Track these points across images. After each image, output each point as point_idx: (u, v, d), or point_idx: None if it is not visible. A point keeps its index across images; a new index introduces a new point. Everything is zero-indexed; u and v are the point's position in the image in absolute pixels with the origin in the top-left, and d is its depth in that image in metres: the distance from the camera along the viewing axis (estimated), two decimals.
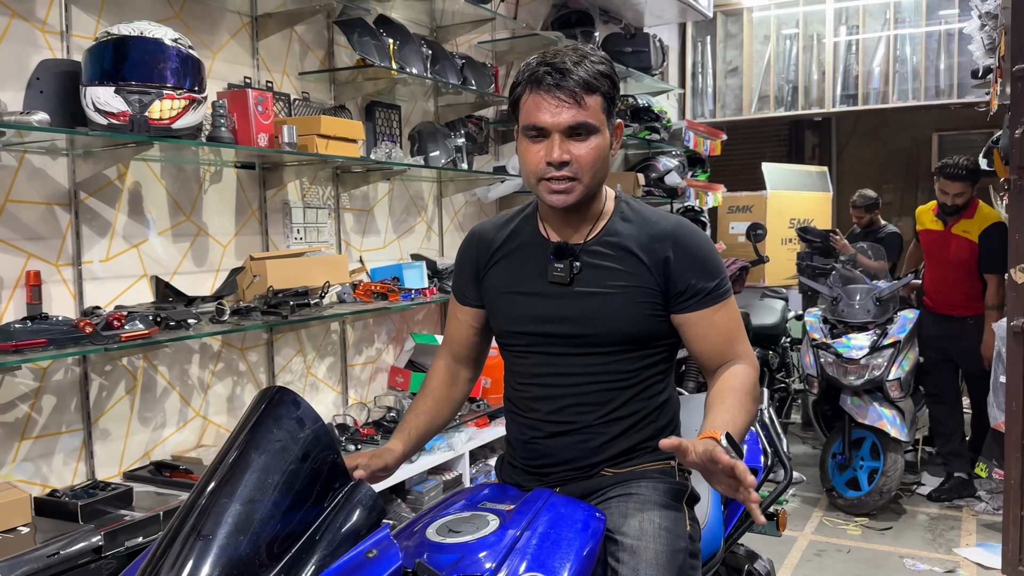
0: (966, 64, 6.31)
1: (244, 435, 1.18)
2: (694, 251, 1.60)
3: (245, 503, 1.06)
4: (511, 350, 1.73)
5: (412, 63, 3.24)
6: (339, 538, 1.11)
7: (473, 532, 1.42)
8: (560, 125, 1.50)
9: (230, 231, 2.87)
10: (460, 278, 1.80)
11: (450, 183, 3.84)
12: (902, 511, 4.53)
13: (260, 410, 1.21)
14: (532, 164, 1.55)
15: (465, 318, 1.80)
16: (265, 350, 3.00)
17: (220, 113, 2.49)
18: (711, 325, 1.61)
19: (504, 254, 1.71)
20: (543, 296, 1.64)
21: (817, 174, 7.82)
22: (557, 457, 1.66)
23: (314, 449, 1.17)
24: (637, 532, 1.53)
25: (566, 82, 1.49)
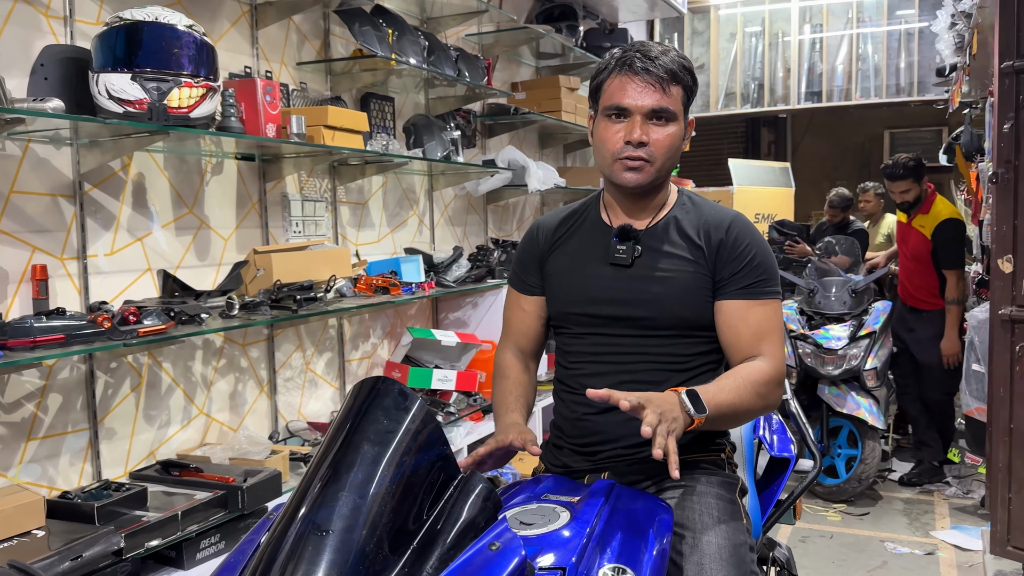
0: (925, 63, 6.52)
1: (352, 425, 1.15)
2: (746, 243, 1.63)
3: (362, 496, 1.04)
4: (566, 331, 1.75)
5: (410, 54, 3.21)
6: (459, 531, 1.09)
7: (545, 524, 1.41)
8: (643, 107, 1.57)
9: (231, 224, 2.80)
10: (523, 268, 1.81)
11: (441, 176, 3.81)
12: (878, 497, 4.66)
13: (365, 401, 1.18)
14: (611, 144, 1.61)
15: (531, 308, 1.80)
16: (266, 346, 2.94)
17: (229, 103, 2.43)
18: (743, 318, 1.61)
19: (566, 238, 1.75)
20: (603, 277, 1.67)
21: (780, 170, 7.97)
22: (607, 435, 1.66)
23: (427, 441, 1.15)
24: (698, 526, 1.53)
25: (654, 67, 1.57)
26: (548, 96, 4.37)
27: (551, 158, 4.93)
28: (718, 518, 1.55)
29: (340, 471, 1.08)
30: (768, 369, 1.59)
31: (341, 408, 1.25)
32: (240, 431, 2.79)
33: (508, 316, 1.87)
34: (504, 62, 4.47)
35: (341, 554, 0.98)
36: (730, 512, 1.58)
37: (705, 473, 1.66)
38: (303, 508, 1.04)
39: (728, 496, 1.63)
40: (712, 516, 1.55)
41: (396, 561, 1.02)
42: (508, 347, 1.85)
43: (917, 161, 4.64)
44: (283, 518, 1.06)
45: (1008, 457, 3.01)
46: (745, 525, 1.61)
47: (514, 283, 1.85)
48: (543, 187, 4.00)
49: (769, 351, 1.62)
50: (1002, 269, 2.99)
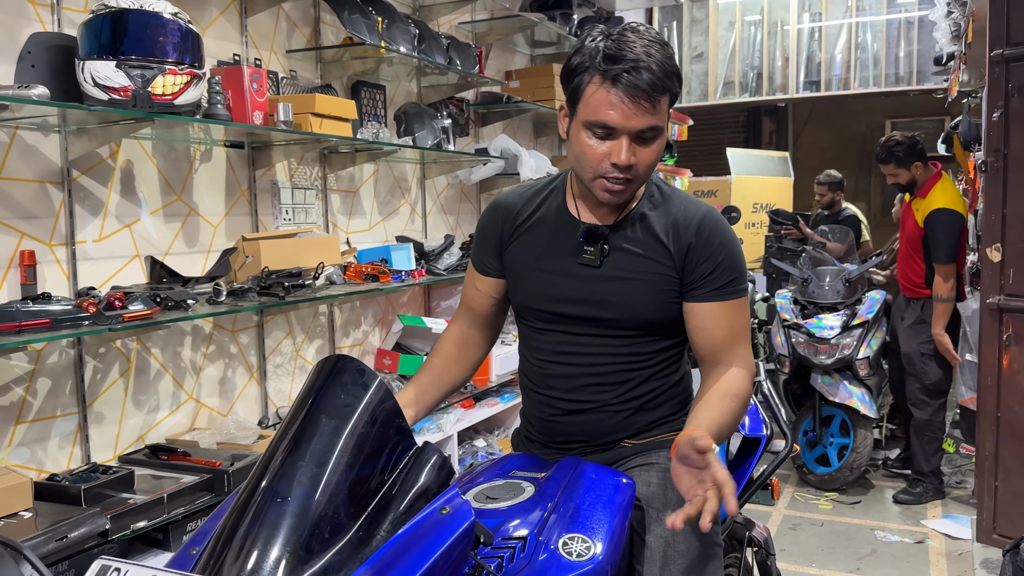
0: (924, 52, 6.50)
1: (312, 401, 1.18)
2: (716, 243, 1.59)
3: (319, 465, 1.07)
4: (530, 325, 1.73)
5: (400, 42, 3.21)
6: (412, 497, 1.13)
7: (510, 498, 1.44)
8: (632, 129, 1.46)
9: (220, 211, 2.82)
10: (481, 248, 1.76)
11: (433, 165, 3.83)
12: (870, 486, 4.67)
13: (326, 377, 1.21)
14: (594, 160, 1.50)
15: (485, 288, 1.77)
16: (256, 332, 2.96)
17: (216, 90, 2.44)
18: (715, 320, 1.60)
19: (530, 227, 1.69)
20: (570, 276, 1.63)
21: (779, 159, 7.98)
22: (576, 435, 1.69)
23: (381, 413, 1.18)
24: (662, 500, 1.56)
25: (643, 83, 1.43)
26: (542, 85, 4.38)
27: (545, 147, 4.94)
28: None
29: (299, 443, 1.11)
30: (745, 376, 1.60)
31: (304, 385, 1.28)
32: (230, 416, 2.81)
33: (465, 290, 1.82)
34: (498, 50, 4.47)
35: (299, 519, 1.01)
36: None
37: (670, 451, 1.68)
38: (265, 479, 1.08)
39: None
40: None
41: (351, 525, 1.05)
42: (458, 319, 1.82)
43: (903, 143, 4.36)
44: (246, 488, 1.10)
45: (995, 446, 3.03)
46: None
47: (473, 260, 1.80)
48: (535, 175, 4.01)
49: (741, 353, 1.62)
50: (990, 258, 3.00)
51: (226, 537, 1.02)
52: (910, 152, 4.37)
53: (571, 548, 1.34)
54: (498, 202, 1.76)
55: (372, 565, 1.02)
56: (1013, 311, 2.93)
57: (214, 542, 1.05)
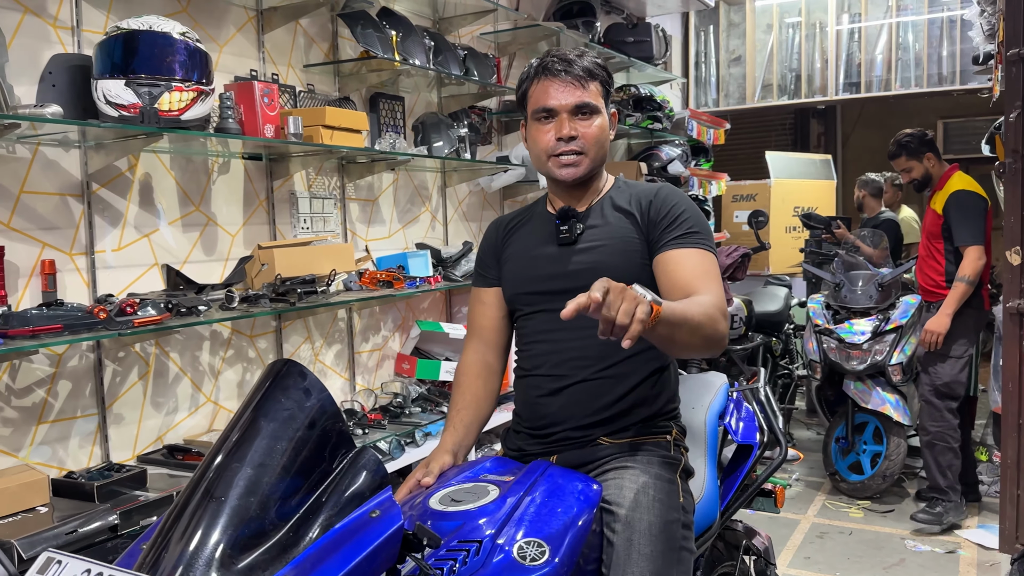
0: (968, 51, 6.32)
1: (253, 405, 1.24)
2: (672, 203, 1.75)
3: (255, 467, 1.13)
4: (520, 315, 1.85)
5: (415, 55, 3.29)
6: (344, 500, 1.18)
7: (473, 501, 1.48)
8: (567, 105, 1.70)
9: (238, 221, 2.93)
10: (482, 262, 1.93)
11: (454, 173, 3.89)
12: (905, 494, 4.57)
13: (268, 381, 1.27)
14: (543, 143, 1.75)
15: (491, 299, 1.90)
16: (274, 337, 3.06)
17: (227, 105, 2.55)
18: (677, 263, 1.69)
19: (517, 228, 1.89)
20: (549, 256, 1.79)
21: (821, 162, 7.84)
22: (555, 416, 1.75)
23: (320, 417, 1.23)
24: (632, 503, 1.59)
25: (571, 68, 1.71)
26: None
27: None
28: (653, 496, 1.61)
29: (239, 445, 1.17)
30: (708, 299, 1.59)
31: (252, 387, 1.34)
32: None
33: (471, 315, 1.96)
34: (522, 59, 4.53)
35: (231, 518, 1.07)
36: (665, 491, 1.64)
37: (647, 454, 1.72)
38: (203, 479, 1.14)
39: (666, 476, 1.68)
40: (647, 495, 1.61)
41: (282, 526, 1.10)
42: (471, 346, 1.93)
43: (914, 135, 4.21)
44: (187, 488, 1.16)
45: (1018, 453, 2.95)
46: (681, 503, 1.65)
47: (476, 281, 1.96)
48: None
49: (707, 288, 1.63)
50: (1011, 261, 2.92)
51: (164, 534, 1.09)
52: (921, 143, 4.23)
53: (526, 552, 1.38)
54: (492, 223, 1.99)
55: (296, 565, 1.07)
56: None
57: (154, 538, 1.11)
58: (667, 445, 1.76)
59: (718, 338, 1.59)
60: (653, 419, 1.77)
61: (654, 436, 1.76)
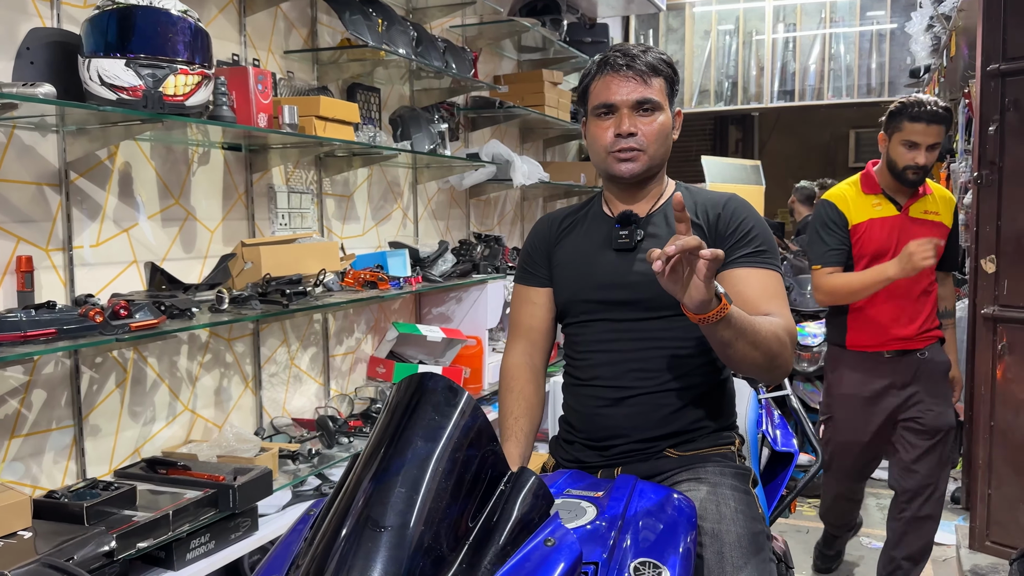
0: (896, 64, 6.63)
1: (402, 421, 1.12)
2: (742, 217, 1.68)
3: (416, 491, 1.01)
4: (574, 322, 1.77)
5: (399, 44, 3.16)
6: (514, 527, 1.07)
7: (573, 520, 1.39)
8: (628, 101, 1.64)
9: (217, 216, 2.73)
10: (531, 261, 1.84)
11: (426, 170, 3.77)
12: None
13: (417, 396, 1.15)
14: (602, 140, 1.67)
15: (541, 300, 1.82)
16: (251, 340, 2.88)
17: (221, 91, 2.36)
18: (747, 283, 1.63)
19: (571, 229, 1.81)
20: (607, 263, 1.71)
21: (751, 168, 8.05)
22: (619, 428, 1.69)
23: (477, 437, 1.12)
24: (716, 516, 1.54)
25: (634, 64, 1.65)
26: (531, 90, 4.35)
27: (531, 152, 4.91)
28: (735, 508, 1.56)
29: (392, 467, 1.05)
30: (780, 323, 1.55)
31: (387, 403, 1.22)
32: (225, 427, 2.72)
33: (517, 314, 1.86)
34: (486, 55, 4.43)
35: (399, 550, 0.95)
36: (745, 502, 1.59)
37: (718, 466, 1.67)
38: (356, 503, 1.01)
39: (742, 487, 1.64)
40: (729, 506, 1.56)
41: (454, 558, 0.99)
42: (517, 347, 1.84)
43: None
44: (334, 514, 1.03)
45: (988, 454, 3.07)
46: (760, 514, 1.62)
47: (522, 279, 1.87)
48: (528, 181, 3.98)
49: (777, 311, 1.59)
50: (985, 269, 3.04)
51: (318, 565, 0.96)
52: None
53: (644, 574, 1.30)
54: (542, 218, 1.89)
55: None
56: (1007, 321, 2.98)
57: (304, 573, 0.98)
58: (732, 456, 1.73)
59: (781, 362, 1.55)
60: (718, 430, 1.73)
61: (720, 447, 1.72)
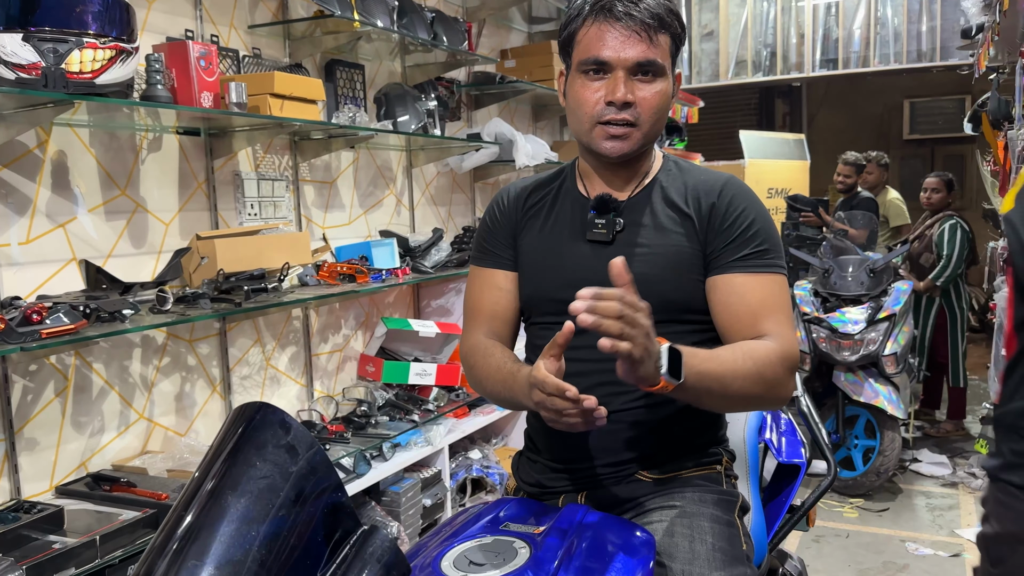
0: (948, 26, 6.13)
1: (217, 470, 0.88)
2: (742, 208, 1.39)
3: (222, 567, 0.77)
4: (539, 322, 1.48)
5: (376, 15, 2.89)
6: None
7: (500, 565, 1.14)
8: (627, 61, 1.33)
9: (173, 207, 2.52)
10: (493, 240, 1.52)
11: (420, 152, 3.51)
12: (898, 491, 4.35)
13: (236, 435, 0.91)
14: (589, 105, 1.36)
15: (508, 285, 1.50)
16: (217, 341, 2.66)
17: (156, 68, 2.14)
18: (740, 295, 1.36)
19: (537, 209, 1.50)
20: (580, 256, 1.42)
21: (795, 142, 7.60)
22: (586, 448, 1.42)
23: (313, 487, 0.88)
24: (688, 555, 1.26)
25: (638, 11, 1.33)
26: (541, 64, 4.04)
27: (545, 131, 4.61)
28: (712, 544, 1.28)
29: (196, 533, 0.81)
30: (774, 348, 1.30)
31: (212, 444, 0.98)
32: (187, 436, 2.52)
33: (477, 298, 1.53)
34: (492, 27, 4.14)
35: None
36: (726, 537, 1.31)
37: (698, 491, 1.40)
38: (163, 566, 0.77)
39: (725, 517, 1.36)
40: (705, 543, 1.28)
41: None
42: (476, 334, 1.52)
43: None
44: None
45: None
46: (745, 552, 1.33)
47: (482, 260, 1.54)
48: (532, 162, 3.69)
49: (774, 330, 1.33)
50: None
51: None
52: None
53: None
54: (504, 190, 1.56)
55: None
56: None
57: None
58: (718, 477, 1.44)
59: (772, 396, 1.31)
60: (701, 447, 1.44)
61: (702, 468, 1.43)
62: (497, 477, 3.30)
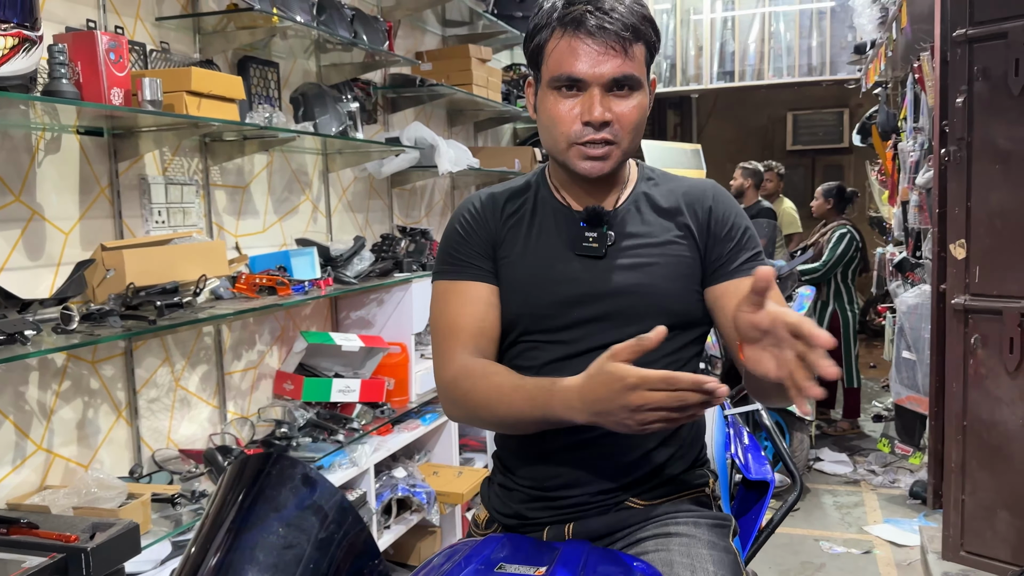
0: (836, 42, 6.42)
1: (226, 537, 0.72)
2: (733, 213, 1.37)
3: None
4: (524, 340, 1.36)
5: (295, 10, 2.72)
6: None
7: None
8: (602, 77, 1.25)
9: (73, 214, 2.27)
10: (469, 251, 1.38)
11: (338, 156, 3.34)
12: (806, 490, 4.48)
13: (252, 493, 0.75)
14: (565, 124, 1.28)
15: (493, 300, 1.36)
16: (123, 361, 2.42)
17: (60, 60, 1.91)
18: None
19: (518, 219, 1.39)
20: (571, 272, 1.33)
21: (691, 152, 7.78)
22: (573, 476, 1.32)
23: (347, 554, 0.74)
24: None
25: (611, 22, 1.24)
26: (457, 68, 3.94)
27: (461, 136, 4.51)
28: (713, 573, 1.21)
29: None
30: None
31: (213, 498, 0.83)
32: (92, 469, 2.28)
33: (455, 317, 1.35)
34: (407, 28, 4.01)
35: None
36: (727, 564, 1.25)
37: (691, 516, 1.33)
38: None
39: (722, 543, 1.30)
40: (706, 572, 1.21)
41: None
42: (461, 354, 1.33)
43: None
44: None
45: (962, 456, 2.81)
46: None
47: (456, 273, 1.38)
48: (455, 168, 3.59)
49: None
50: (955, 255, 2.77)
51: None
52: None
53: None
54: (479, 195, 1.43)
55: None
56: (980, 312, 2.72)
57: None
58: (707, 500, 1.39)
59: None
60: (690, 468, 1.38)
61: (692, 490, 1.38)
62: (424, 496, 3.17)
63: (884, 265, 5.29)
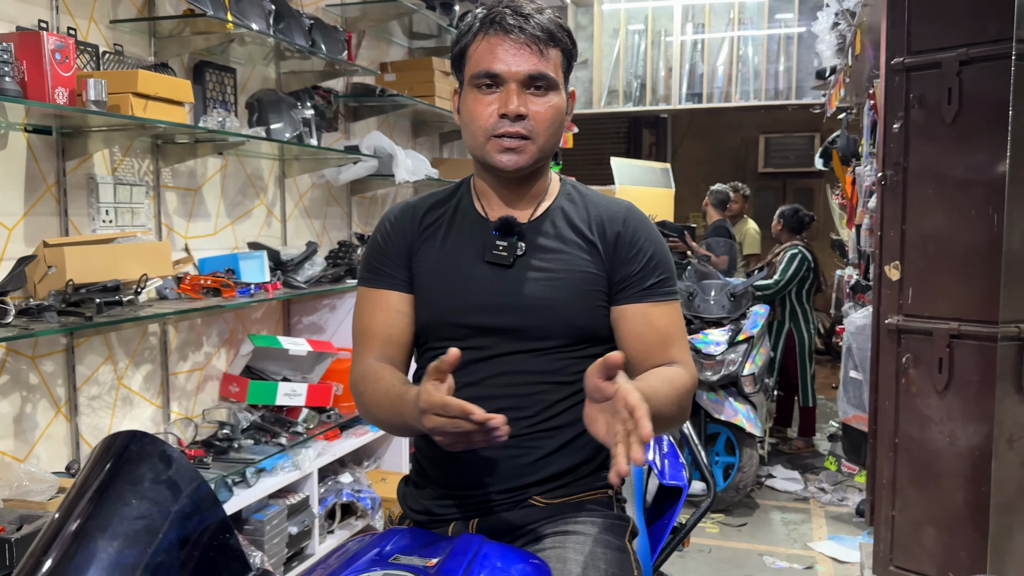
0: (803, 67, 6.56)
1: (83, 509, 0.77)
2: (644, 238, 1.41)
3: None
4: (437, 346, 1.41)
5: (251, 17, 2.77)
6: None
7: None
8: (519, 74, 1.33)
9: (17, 211, 2.30)
10: (386, 260, 1.44)
11: (295, 162, 3.38)
12: (755, 506, 4.54)
13: (107, 469, 0.79)
14: (483, 118, 1.35)
15: (405, 308, 1.42)
16: (64, 358, 2.44)
17: (4, 59, 1.95)
18: (647, 322, 1.39)
19: (435, 229, 1.44)
20: (480, 279, 1.38)
21: (661, 171, 7.91)
22: (479, 475, 1.37)
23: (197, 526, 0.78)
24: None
25: (529, 25, 1.33)
26: (421, 79, 4.00)
27: (425, 147, 4.56)
28: (604, 571, 1.28)
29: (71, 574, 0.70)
30: (686, 375, 1.37)
31: (76, 480, 0.87)
32: (27, 462, 2.29)
33: (367, 323, 1.43)
34: (372, 39, 4.07)
35: None
36: (619, 562, 1.31)
37: (591, 515, 1.39)
38: None
39: (617, 543, 1.35)
40: (597, 569, 1.27)
41: None
42: (368, 359, 1.42)
43: None
44: None
45: (893, 473, 2.88)
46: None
47: (373, 281, 1.45)
48: (413, 178, 3.64)
49: (681, 357, 1.40)
50: (889, 276, 2.85)
51: None
52: None
53: None
54: (396, 208, 1.50)
55: None
56: (912, 332, 2.79)
57: None
58: (609, 502, 1.44)
59: (682, 420, 1.40)
60: (595, 471, 1.43)
61: (595, 492, 1.42)
62: (369, 502, 3.19)
63: (842, 287, 5.39)
